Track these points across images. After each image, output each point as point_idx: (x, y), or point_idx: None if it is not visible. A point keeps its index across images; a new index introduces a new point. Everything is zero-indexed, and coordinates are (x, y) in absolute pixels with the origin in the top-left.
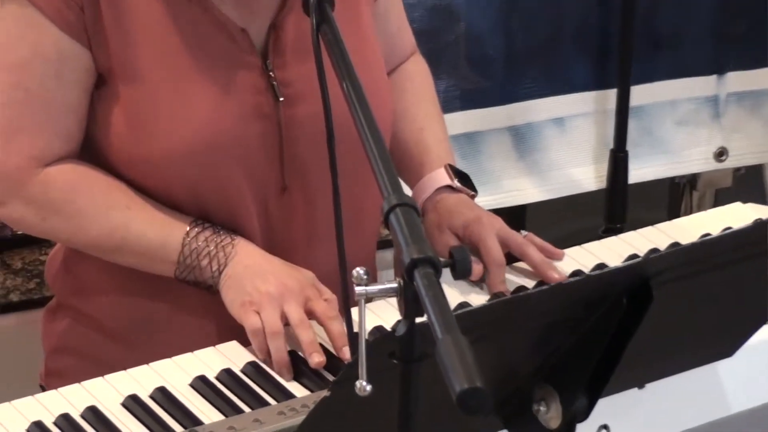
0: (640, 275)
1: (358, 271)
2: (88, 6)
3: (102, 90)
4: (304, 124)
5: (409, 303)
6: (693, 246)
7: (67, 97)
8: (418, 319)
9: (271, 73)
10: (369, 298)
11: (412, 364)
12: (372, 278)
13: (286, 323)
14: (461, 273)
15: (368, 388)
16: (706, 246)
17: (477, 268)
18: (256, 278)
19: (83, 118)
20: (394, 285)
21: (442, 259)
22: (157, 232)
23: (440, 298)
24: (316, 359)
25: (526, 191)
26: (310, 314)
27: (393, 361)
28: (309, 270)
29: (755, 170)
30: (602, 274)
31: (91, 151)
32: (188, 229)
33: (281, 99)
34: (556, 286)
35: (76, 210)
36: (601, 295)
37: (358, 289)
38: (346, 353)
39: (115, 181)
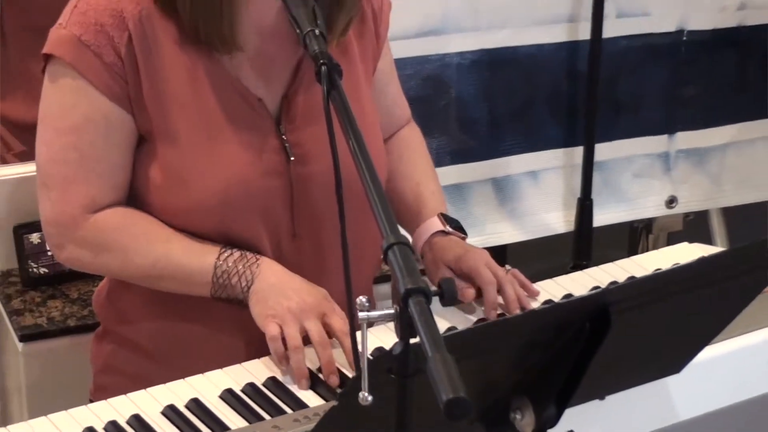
0: (600, 304)
1: (361, 299)
2: (131, 78)
3: (143, 148)
4: (311, 180)
5: (405, 326)
6: (646, 279)
7: (114, 156)
8: (412, 340)
9: (283, 136)
10: (371, 323)
11: (407, 378)
12: (372, 306)
13: (305, 335)
14: (449, 300)
15: (369, 398)
16: (657, 279)
17: (469, 292)
18: (280, 295)
19: (128, 171)
20: (392, 311)
21: (433, 289)
22: (193, 260)
23: (430, 322)
24: (334, 380)
25: (506, 233)
26: (327, 327)
27: (391, 376)
28: (330, 299)
29: (702, 215)
30: (568, 303)
31: (133, 198)
32: (219, 253)
33: (292, 158)
34: (530, 312)
35: (123, 247)
36: (568, 321)
37: (361, 314)
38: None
39: (153, 219)
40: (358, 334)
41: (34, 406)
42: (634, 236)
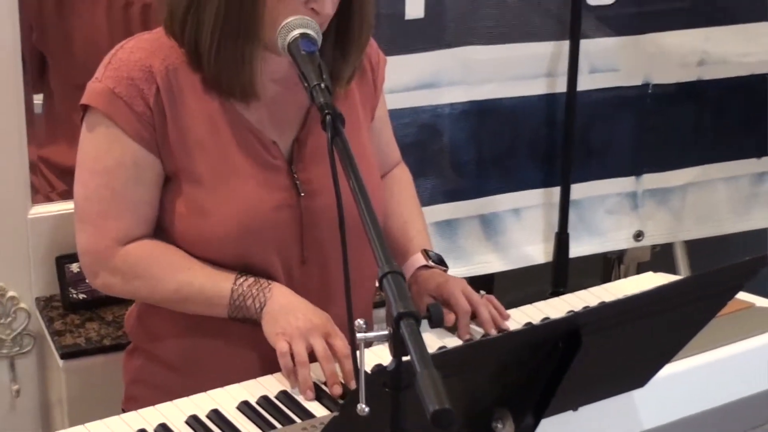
0: (572, 325)
1: (359, 322)
2: (158, 126)
3: (169, 186)
4: (319, 213)
5: (397, 346)
6: (612, 304)
7: (142, 194)
8: (405, 358)
9: (294, 175)
10: (368, 343)
11: (400, 391)
12: (369, 328)
13: (311, 351)
14: (436, 323)
15: (366, 409)
16: (623, 304)
17: (450, 317)
18: (289, 315)
19: (156, 208)
20: (386, 332)
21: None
22: (212, 285)
23: (420, 342)
24: (337, 391)
25: (492, 263)
26: (330, 348)
27: (386, 390)
28: (333, 323)
29: (668, 247)
30: (543, 325)
31: (161, 229)
32: (235, 279)
33: (302, 194)
34: (509, 333)
35: (151, 274)
36: (543, 340)
37: (358, 335)
38: (353, 385)
39: (177, 249)
40: (358, 351)
41: (73, 416)
42: (608, 266)
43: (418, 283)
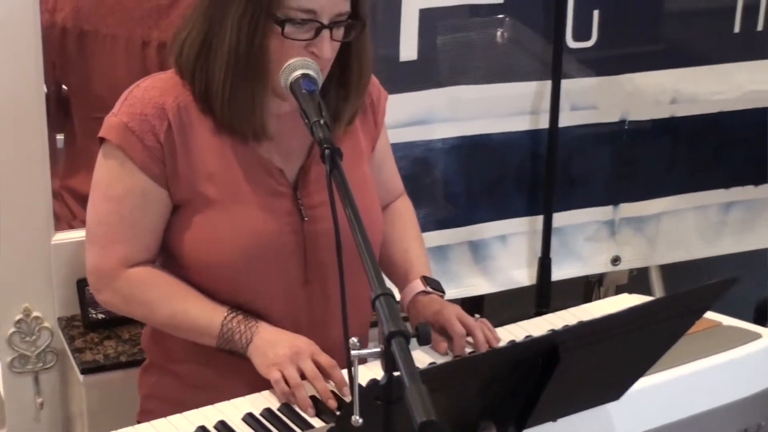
0: (551, 343)
1: (353, 340)
2: (168, 160)
3: (178, 214)
4: (321, 238)
5: (388, 362)
6: (589, 323)
7: (148, 222)
8: (395, 373)
9: (299, 201)
10: (362, 360)
11: (390, 404)
12: (363, 345)
13: (302, 374)
14: (423, 341)
15: (360, 421)
16: (598, 323)
17: (443, 346)
18: (276, 346)
19: (159, 236)
20: (378, 349)
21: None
22: (204, 317)
23: (409, 358)
24: (333, 404)
25: (480, 286)
26: (317, 365)
27: (378, 402)
28: (323, 341)
29: (644, 271)
30: (525, 343)
31: (169, 256)
32: (225, 314)
33: (305, 219)
34: (492, 350)
35: (149, 299)
36: (524, 357)
37: (353, 352)
38: (345, 392)
39: (175, 279)
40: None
41: (93, 427)
42: (589, 288)
43: (417, 308)
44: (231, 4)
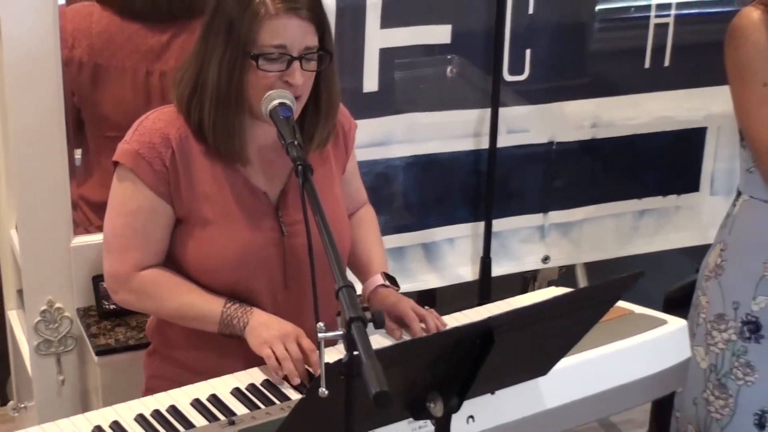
0: (487, 327)
1: (320, 325)
2: (172, 181)
3: (181, 227)
4: (298, 249)
5: (349, 343)
6: (518, 310)
7: (156, 233)
8: (355, 352)
9: (280, 219)
10: (333, 342)
11: (351, 378)
12: (329, 329)
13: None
14: (378, 325)
15: (326, 392)
16: (527, 310)
17: (397, 333)
18: (268, 329)
19: (166, 244)
20: (341, 332)
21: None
22: (207, 307)
23: (366, 340)
24: (297, 381)
25: (431, 281)
26: (300, 348)
27: (341, 377)
28: (300, 329)
29: (572, 268)
30: (464, 327)
31: (174, 261)
32: (225, 303)
33: (285, 234)
34: (438, 333)
35: (159, 296)
36: (464, 339)
37: (319, 335)
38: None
39: (180, 277)
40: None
41: (106, 400)
42: (525, 283)
43: (376, 299)
44: (215, 48)
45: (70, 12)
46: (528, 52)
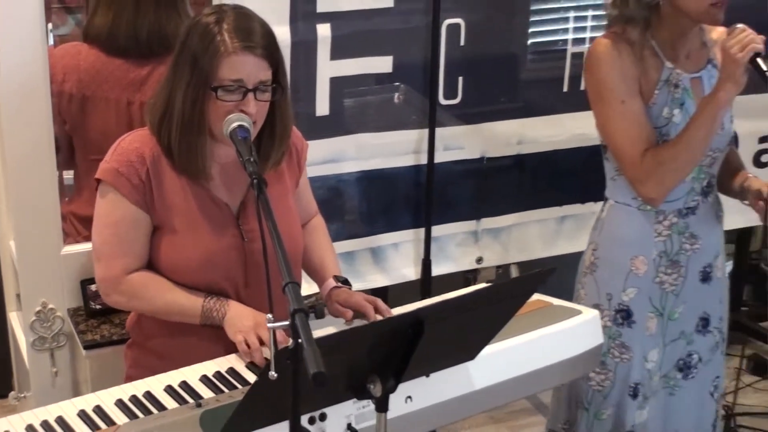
0: (417, 317)
1: (269, 316)
2: (147, 194)
3: (156, 234)
4: (256, 253)
5: (294, 331)
6: (445, 301)
7: (138, 239)
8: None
9: (240, 227)
10: (276, 330)
11: (297, 363)
12: (276, 320)
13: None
14: (319, 316)
15: (275, 375)
16: (453, 301)
17: (348, 314)
18: (243, 319)
19: (147, 248)
20: (287, 323)
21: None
22: (189, 303)
23: (307, 328)
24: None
25: (379, 281)
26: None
27: (288, 361)
28: None
29: (507, 268)
30: (397, 316)
31: (151, 262)
32: (204, 298)
33: (245, 240)
34: (374, 323)
35: (147, 296)
36: (398, 327)
37: (268, 325)
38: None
39: (163, 278)
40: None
41: (94, 388)
42: (467, 282)
43: (331, 297)
44: (181, 79)
45: (61, 50)
46: (460, 79)
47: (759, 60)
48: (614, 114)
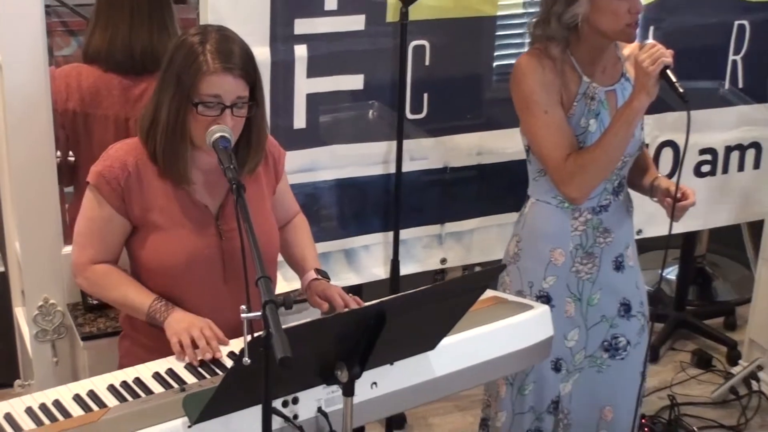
0: (380, 309)
1: (243, 307)
2: (126, 198)
3: (137, 233)
4: (234, 251)
5: (265, 321)
6: (406, 295)
7: (109, 238)
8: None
9: (219, 227)
10: (249, 320)
11: (268, 350)
12: (250, 311)
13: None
14: (288, 307)
15: (248, 361)
16: (413, 295)
17: (324, 306)
18: (180, 322)
19: (118, 246)
20: (259, 313)
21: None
22: (138, 300)
23: (276, 318)
24: (196, 362)
25: (352, 279)
26: (206, 338)
27: (261, 349)
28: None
29: (472, 268)
30: (360, 309)
31: (133, 260)
32: (153, 300)
33: (224, 239)
34: (339, 314)
35: (105, 285)
36: (362, 319)
37: (242, 315)
38: (219, 355)
39: (124, 273)
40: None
41: (93, 376)
42: (435, 281)
43: (311, 288)
44: (167, 92)
45: (63, 71)
46: (425, 95)
47: (668, 72)
48: (539, 122)
